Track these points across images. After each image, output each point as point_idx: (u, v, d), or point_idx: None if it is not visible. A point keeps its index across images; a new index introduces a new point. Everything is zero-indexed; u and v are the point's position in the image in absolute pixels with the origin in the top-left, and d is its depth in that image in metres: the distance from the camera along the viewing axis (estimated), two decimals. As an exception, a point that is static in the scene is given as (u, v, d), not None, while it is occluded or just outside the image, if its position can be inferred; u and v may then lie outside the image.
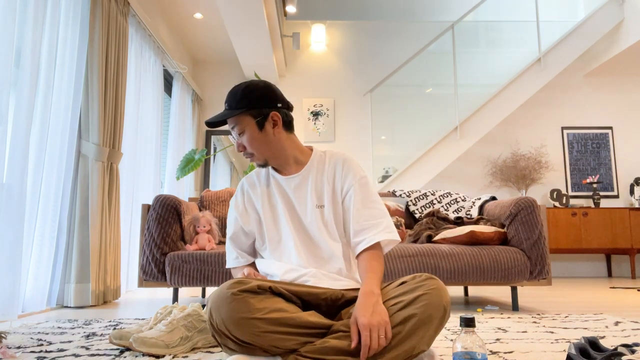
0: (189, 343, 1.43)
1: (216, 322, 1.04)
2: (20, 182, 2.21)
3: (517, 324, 2.00)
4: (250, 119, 1.29)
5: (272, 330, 1.02)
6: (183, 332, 1.42)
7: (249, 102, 1.29)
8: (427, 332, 1.04)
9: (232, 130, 1.32)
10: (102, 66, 2.89)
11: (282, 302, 1.08)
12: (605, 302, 2.87)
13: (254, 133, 1.29)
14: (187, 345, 1.43)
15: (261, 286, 1.07)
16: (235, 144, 1.32)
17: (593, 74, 5.60)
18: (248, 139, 1.29)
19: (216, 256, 2.38)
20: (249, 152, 1.31)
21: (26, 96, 2.27)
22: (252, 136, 1.29)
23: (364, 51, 5.63)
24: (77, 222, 2.73)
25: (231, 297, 1.02)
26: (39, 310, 2.47)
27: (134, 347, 1.36)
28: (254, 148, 1.31)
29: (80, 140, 2.84)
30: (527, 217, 2.45)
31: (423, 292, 1.06)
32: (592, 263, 5.29)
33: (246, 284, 1.06)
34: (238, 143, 1.32)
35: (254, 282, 1.07)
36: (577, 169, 5.47)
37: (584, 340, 1.13)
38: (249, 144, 1.30)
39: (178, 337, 1.41)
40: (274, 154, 1.33)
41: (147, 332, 1.41)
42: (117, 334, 1.47)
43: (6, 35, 2.13)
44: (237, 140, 1.31)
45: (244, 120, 1.30)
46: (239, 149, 1.32)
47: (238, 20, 4.08)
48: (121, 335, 1.47)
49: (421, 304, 1.05)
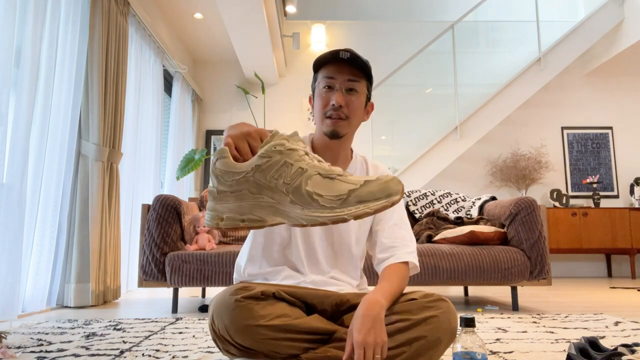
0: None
1: (218, 328, 1.02)
2: (20, 182, 2.21)
3: (517, 324, 2.00)
4: (365, 88, 1.21)
5: (275, 337, 0.99)
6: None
7: (370, 73, 1.21)
8: (434, 356, 1.01)
9: (344, 82, 1.17)
10: (102, 66, 2.89)
11: (286, 307, 1.05)
12: (605, 302, 2.87)
13: (361, 101, 1.20)
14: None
15: (265, 292, 1.04)
16: (336, 95, 1.17)
17: (593, 74, 5.60)
18: (355, 102, 1.18)
19: (216, 256, 2.38)
20: (344, 112, 1.18)
21: (26, 96, 2.27)
22: (359, 102, 1.20)
23: (364, 51, 5.63)
24: (77, 222, 2.73)
25: (234, 304, 1.00)
26: (39, 310, 2.46)
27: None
28: (351, 112, 1.19)
29: (80, 140, 2.84)
30: (527, 217, 2.45)
31: (433, 314, 1.03)
32: (592, 263, 5.29)
33: (250, 290, 1.03)
34: (341, 97, 1.17)
35: (258, 288, 1.04)
36: (577, 169, 5.47)
37: (584, 340, 1.13)
38: (352, 106, 1.18)
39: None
40: (351, 133, 1.25)
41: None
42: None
43: (6, 35, 2.13)
44: (341, 94, 1.17)
45: (363, 84, 1.20)
46: (338, 102, 1.16)
47: (238, 20, 4.08)
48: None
49: (430, 326, 1.01)
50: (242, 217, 0.80)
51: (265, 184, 0.79)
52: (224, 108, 5.61)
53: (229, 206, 0.81)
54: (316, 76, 1.25)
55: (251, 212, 0.80)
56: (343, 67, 1.17)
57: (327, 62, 1.20)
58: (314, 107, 1.25)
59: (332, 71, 1.18)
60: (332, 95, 1.18)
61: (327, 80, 1.18)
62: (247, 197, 0.80)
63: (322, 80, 1.20)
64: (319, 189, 0.77)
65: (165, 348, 1.53)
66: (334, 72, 1.18)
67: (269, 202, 0.79)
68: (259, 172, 0.79)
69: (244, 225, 0.79)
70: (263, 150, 0.80)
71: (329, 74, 1.18)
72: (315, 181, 0.77)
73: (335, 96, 1.17)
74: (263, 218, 0.79)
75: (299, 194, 0.77)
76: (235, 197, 0.80)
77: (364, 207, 0.74)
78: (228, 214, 0.80)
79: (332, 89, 1.18)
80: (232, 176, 0.81)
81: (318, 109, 1.21)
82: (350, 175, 0.80)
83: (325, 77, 1.19)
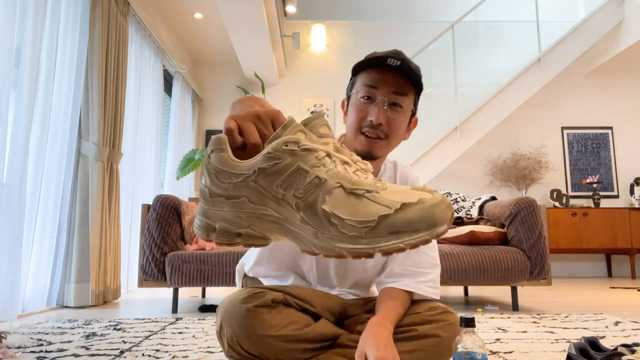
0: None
1: (227, 335, 0.99)
2: (20, 182, 2.21)
3: (517, 324, 2.00)
4: (412, 103, 1.05)
5: (284, 347, 0.97)
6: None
7: (420, 84, 1.03)
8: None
9: (388, 94, 1.00)
10: (102, 66, 2.89)
11: (295, 314, 1.02)
12: (605, 302, 2.87)
13: (405, 119, 1.04)
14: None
15: (275, 299, 1.00)
16: (376, 110, 1.00)
17: (593, 74, 5.60)
18: (398, 119, 1.02)
19: (216, 256, 2.38)
20: (384, 131, 1.01)
21: (26, 96, 2.27)
22: (402, 120, 1.03)
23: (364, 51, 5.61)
24: (77, 222, 2.73)
25: (245, 313, 0.96)
26: (39, 310, 2.46)
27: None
28: (392, 131, 1.02)
29: (80, 140, 2.84)
30: (527, 217, 2.45)
31: (438, 331, 1.00)
32: (592, 263, 5.29)
33: (260, 297, 0.98)
34: (382, 113, 1.00)
35: (268, 296, 0.99)
36: (577, 169, 5.47)
37: (584, 340, 1.13)
38: (394, 124, 1.02)
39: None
40: (386, 153, 1.09)
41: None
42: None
43: (6, 35, 2.13)
44: (383, 109, 1.00)
45: (410, 98, 1.04)
46: (377, 119, 1.00)
47: (238, 20, 4.08)
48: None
49: (434, 339, 0.99)
50: (238, 230, 0.62)
51: (270, 193, 0.59)
52: (224, 108, 5.61)
53: (224, 215, 0.62)
54: (354, 80, 1.07)
55: (250, 225, 0.61)
56: (389, 75, 1.00)
57: (370, 66, 1.02)
58: (348, 115, 1.08)
59: (375, 79, 1.01)
60: (371, 109, 1.01)
61: (368, 89, 1.02)
62: (246, 206, 0.61)
63: (361, 89, 1.03)
64: (340, 209, 0.57)
65: (165, 348, 1.53)
66: (377, 80, 1.01)
67: (273, 217, 0.60)
68: (263, 177, 0.59)
69: (241, 242, 0.62)
70: (271, 147, 0.59)
71: (371, 82, 1.01)
72: (336, 197, 0.57)
73: (375, 111, 1.00)
74: (265, 235, 0.62)
75: (313, 213, 0.57)
76: (232, 205, 0.61)
77: (398, 241, 0.55)
78: (221, 225, 0.62)
79: (373, 101, 1.01)
80: (229, 177, 0.61)
81: (352, 120, 1.04)
82: (384, 188, 0.59)
83: (365, 85, 1.02)
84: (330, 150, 0.60)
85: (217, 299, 3.04)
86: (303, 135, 0.59)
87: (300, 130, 0.59)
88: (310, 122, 0.62)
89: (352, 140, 1.05)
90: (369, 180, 0.59)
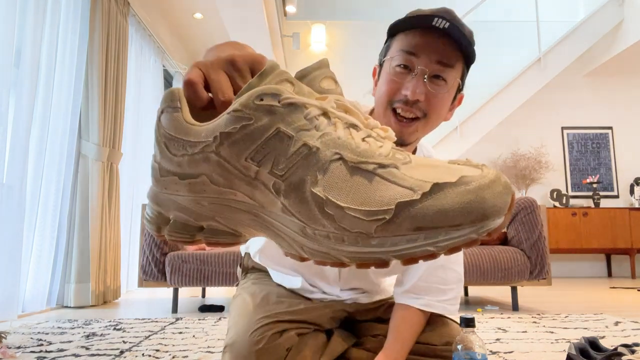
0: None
1: None
2: (20, 182, 2.21)
3: (517, 324, 2.00)
4: (459, 76, 0.85)
5: None
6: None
7: (472, 53, 0.83)
8: None
9: (431, 64, 0.79)
10: (102, 66, 2.89)
11: (310, 342, 0.95)
12: (605, 302, 2.87)
13: (449, 95, 0.84)
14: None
15: (290, 338, 0.92)
16: (413, 83, 0.79)
17: (593, 74, 5.60)
18: (440, 96, 0.82)
19: (216, 256, 2.38)
20: (421, 108, 0.81)
21: (26, 96, 2.27)
22: (446, 97, 0.83)
23: (364, 51, 5.63)
24: (77, 222, 2.73)
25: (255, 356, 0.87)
26: (39, 310, 2.46)
27: None
28: (431, 109, 0.82)
29: (80, 140, 2.84)
30: (527, 217, 2.45)
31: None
32: (592, 263, 5.29)
33: (271, 341, 0.88)
34: (421, 86, 0.79)
35: (282, 343, 0.89)
36: (577, 169, 5.47)
37: (584, 340, 1.13)
38: (434, 101, 0.81)
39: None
40: (421, 137, 0.90)
41: None
42: None
43: (6, 35, 2.13)
44: (422, 82, 0.80)
45: (458, 70, 0.83)
46: (414, 94, 0.79)
47: (238, 20, 4.08)
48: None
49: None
50: (198, 222, 0.42)
51: (237, 170, 0.39)
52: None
53: (179, 201, 0.42)
54: (390, 43, 0.86)
55: (215, 216, 0.42)
56: (434, 40, 0.79)
57: (411, 27, 0.81)
58: (378, 86, 0.88)
59: (415, 44, 0.80)
60: (407, 82, 0.80)
61: (405, 56, 0.81)
62: (207, 188, 0.40)
63: (397, 55, 0.82)
64: (339, 193, 0.36)
65: (165, 348, 1.53)
66: (418, 46, 0.80)
67: (245, 205, 0.40)
68: (227, 146, 0.38)
69: (204, 239, 0.43)
70: (239, 103, 0.38)
71: (409, 47, 0.80)
72: (334, 176, 0.36)
73: (412, 84, 0.79)
74: (235, 230, 0.42)
75: (299, 200, 0.37)
76: (189, 187, 0.41)
77: (427, 242, 0.33)
78: (177, 215, 0.42)
79: (411, 71, 0.80)
80: (182, 147, 0.40)
81: (382, 92, 0.84)
82: (407, 161, 0.37)
83: (403, 52, 0.81)
84: (327, 106, 0.39)
85: (217, 299, 3.04)
86: (289, 86, 0.39)
87: (286, 79, 0.39)
88: (309, 73, 0.42)
89: (380, 117, 0.85)
90: (384, 150, 0.37)
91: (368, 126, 0.40)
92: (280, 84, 0.39)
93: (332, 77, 0.43)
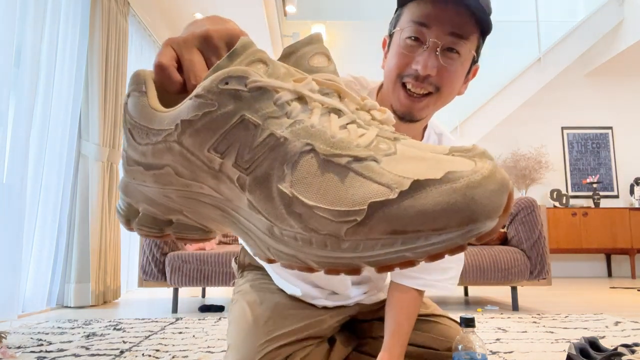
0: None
1: None
2: (20, 182, 2.21)
3: (517, 324, 2.00)
4: (474, 48, 0.79)
5: None
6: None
7: (488, 23, 0.77)
8: None
9: (444, 35, 0.74)
10: (102, 66, 2.89)
11: (308, 356, 0.93)
12: (605, 302, 2.87)
13: (463, 69, 0.79)
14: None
15: (296, 353, 0.91)
16: (425, 56, 0.75)
17: (593, 74, 5.60)
18: (453, 70, 0.77)
19: (216, 256, 2.38)
20: (433, 83, 0.76)
21: (26, 96, 2.27)
22: (459, 70, 0.78)
23: (364, 51, 5.64)
24: (77, 222, 2.73)
25: None
26: (39, 310, 2.46)
27: None
28: (444, 84, 0.77)
29: (80, 140, 2.84)
30: (527, 217, 2.45)
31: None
32: (592, 263, 5.29)
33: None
34: (433, 60, 0.74)
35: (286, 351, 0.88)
36: (577, 169, 5.47)
37: (584, 340, 1.13)
38: (447, 75, 0.76)
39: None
40: (432, 113, 0.84)
41: None
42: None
43: (6, 35, 2.13)
44: (435, 55, 0.75)
45: (473, 42, 0.78)
46: (425, 69, 0.74)
47: (238, 20, 4.04)
48: None
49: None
50: (167, 216, 0.39)
51: (201, 161, 0.35)
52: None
53: (146, 192, 0.39)
54: (400, 12, 0.81)
55: (183, 210, 0.39)
56: (447, 10, 0.74)
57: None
58: (387, 59, 0.83)
59: (427, 14, 0.75)
60: (418, 55, 0.75)
61: (416, 28, 0.75)
62: (173, 180, 0.37)
63: (408, 26, 0.77)
64: (308, 189, 0.31)
65: (165, 348, 1.53)
66: (430, 16, 0.74)
67: (212, 198, 0.36)
68: (189, 135, 0.35)
69: (172, 234, 0.40)
70: (202, 87, 0.34)
71: (421, 17, 0.75)
72: (303, 170, 0.32)
73: (424, 58, 0.74)
74: (203, 225, 0.39)
75: (265, 196, 0.33)
76: (154, 178, 0.38)
77: (404, 247, 0.29)
78: (145, 207, 0.40)
79: (422, 43, 0.75)
80: (146, 135, 0.37)
81: (392, 66, 0.79)
82: (391, 152, 0.31)
83: (413, 22, 0.76)
84: (303, 90, 0.34)
85: (217, 299, 3.04)
86: (262, 67, 0.35)
87: (259, 59, 0.35)
88: (298, 49, 0.38)
89: (390, 92, 0.80)
90: (364, 139, 0.32)
91: (364, 107, 0.35)
92: (252, 65, 0.35)
93: (325, 52, 0.38)
